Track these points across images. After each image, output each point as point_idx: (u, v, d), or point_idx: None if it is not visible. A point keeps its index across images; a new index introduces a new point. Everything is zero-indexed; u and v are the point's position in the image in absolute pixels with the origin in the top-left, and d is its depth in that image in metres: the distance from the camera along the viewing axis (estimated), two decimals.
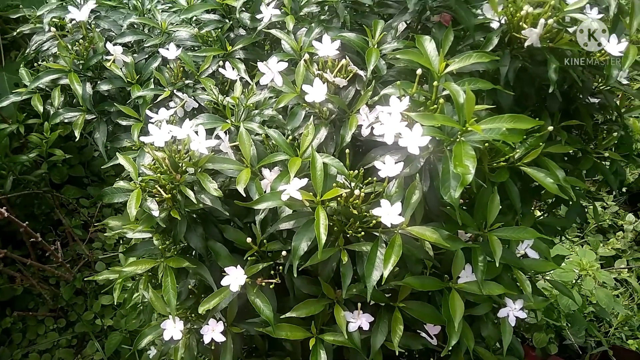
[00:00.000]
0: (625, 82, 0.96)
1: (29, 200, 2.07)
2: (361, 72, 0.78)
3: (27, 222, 1.60)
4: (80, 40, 0.90)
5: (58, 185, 2.23)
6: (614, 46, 0.82)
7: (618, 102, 1.02)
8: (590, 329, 1.89)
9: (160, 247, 0.78)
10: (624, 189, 2.50)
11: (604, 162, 1.04)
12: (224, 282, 0.72)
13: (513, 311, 0.84)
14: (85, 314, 1.94)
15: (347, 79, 0.77)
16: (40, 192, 1.85)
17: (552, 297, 1.96)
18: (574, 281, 1.95)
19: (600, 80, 0.92)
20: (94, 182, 2.40)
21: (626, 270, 2.31)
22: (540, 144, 0.81)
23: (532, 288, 0.83)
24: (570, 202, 1.09)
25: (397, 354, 0.73)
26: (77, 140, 2.36)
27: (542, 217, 1.10)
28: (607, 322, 2.06)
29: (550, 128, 0.83)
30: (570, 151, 1.06)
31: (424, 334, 0.83)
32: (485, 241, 0.77)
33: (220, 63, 0.90)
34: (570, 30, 0.84)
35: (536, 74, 0.84)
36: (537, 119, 0.89)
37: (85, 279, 1.98)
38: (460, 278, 0.78)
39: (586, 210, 1.15)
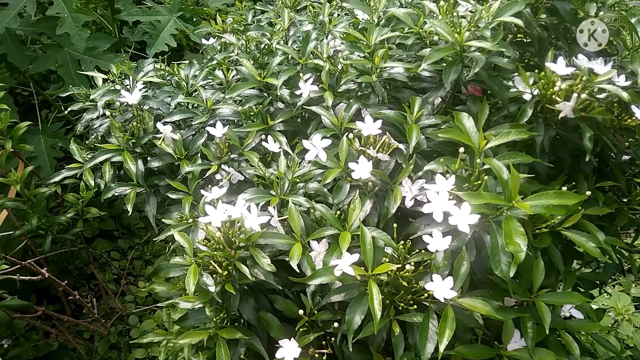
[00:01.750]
0: None
1: (64, 257, 2.13)
2: (401, 145, 0.81)
3: (66, 282, 1.64)
4: (132, 121, 0.95)
5: (89, 239, 2.29)
6: None
7: None
8: None
9: (213, 318, 0.80)
10: None
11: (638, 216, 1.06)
12: (278, 355, 0.74)
13: None
14: None
15: (388, 153, 0.80)
16: (76, 249, 1.90)
17: (589, 343, 1.93)
18: (610, 326, 1.93)
19: (630, 141, 0.95)
20: (124, 235, 2.46)
21: None
22: (580, 208, 0.83)
23: (579, 349, 0.84)
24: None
25: None
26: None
27: (580, 272, 1.11)
28: None
29: (588, 193, 0.85)
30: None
31: None
32: (531, 306, 0.79)
33: (262, 136, 0.95)
34: (600, 96, 0.87)
35: (569, 140, 0.87)
36: (573, 182, 0.93)
37: (119, 334, 2.01)
38: (510, 344, 0.79)
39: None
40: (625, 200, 1.04)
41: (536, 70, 0.81)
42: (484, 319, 0.83)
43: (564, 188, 0.83)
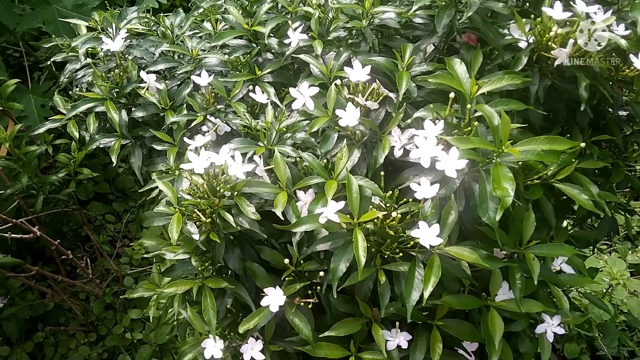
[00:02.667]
0: None
1: (57, 218, 2.12)
2: (391, 94, 0.79)
3: (58, 241, 1.64)
4: (115, 69, 0.92)
5: (84, 202, 2.28)
6: None
7: None
8: (622, 338, 1.87)
9: (198, 268, 0.79)
10: None
11: (634, 174, 1.04)
12: (263, 303, 0.73)
13: (551, 327, 0.84)
14: (115, 328, 1.97)
15: (378, 101, 0.78)
16: (69, 209, 1.89)
17: (583, 307, 1.94)
18: (604, 291, 1.93)
19: (629, 94, 0.92)
20: (119, 198, 2.45)
21: None
22: (573, 160, 0.81)
23: (569, 304, 0.83)
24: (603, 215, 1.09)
25: None
26: (101, 157, 2.38)
27: (573, 230, 1.10)
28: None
29: (583, 144, 0.83)
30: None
31: (462, 352, 0.83)
32: (521, 258, 0.78)
33: (250, 87, 0.92)
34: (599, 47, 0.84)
35: (565, 90, 0.84)
36: (568, 134, 0.91)
37: (114, 294, 2.02)
38: (498, 296, 0.78)
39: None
40: (622, 157, 1.02)
41: (532, 16, 0.78)
42: (473, 271, 0.82)
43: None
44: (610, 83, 0.89)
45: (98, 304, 1.96)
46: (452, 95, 0.69)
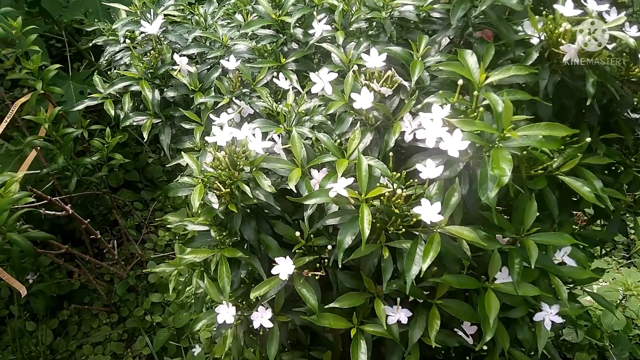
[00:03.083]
0: None
1: (89, 201, 2.22)
2: (405, 83, 0.83)
3: (88, 220, 1.73)
4: (150, 51, 0.99)
5: (114, 189, 2.38)
6: None
7: None
8: (634, 350, 1.85)
9: (217, 237, 0.85)
10: None
11: None
12: (274, 271, 0.78)
13: (549, 315, 0.87)
14: (136, 310, 2.04)
15: (392, 88, 0.83)
16: (100, 193, 1.98)
17: (596, 317, 1.93)
18: (618, 301, 1.92)
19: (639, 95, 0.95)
20: (148, 187, 2.54)
21: None
22: (578, 154, 0.85)
23: (569, 295, 0.86)
24: (612, 216, 1.11)
25: (433, 346, 0.78)
26: (133, 147, 2.47)
27: (581, 229, 1.12)
28: None
29: (588, 139, 0.86)
30: (613, 166, 1.08)
31: (460, 333, 0.87)
32: (522, 246, 0.81)
33: (275, 74, 0.98)
34: (610, 47, 0.87)
35: (575, 87, 0.87)
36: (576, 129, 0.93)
37: (137, 277, 2.10)
38: (497, 280, 0.81)
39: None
40: (632, 158, 1.04)
41: (544, 13, 0.81)
42: (474, 256, 0.85)
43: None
44: (621, 84, 0.92)
45: (121, 286, 2.04)
46: (460, 82, 0.74)
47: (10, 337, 1.97)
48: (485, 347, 0.92)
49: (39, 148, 1.76)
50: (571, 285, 1.06)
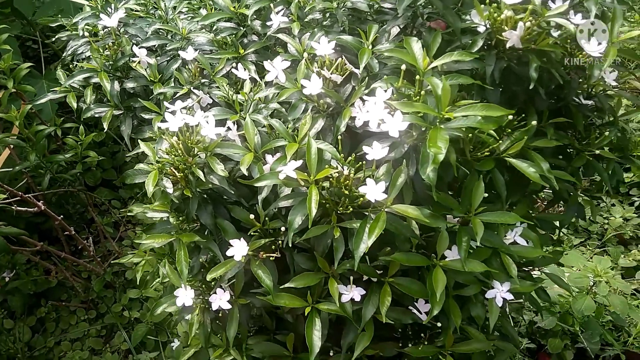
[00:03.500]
0: (614, 83, 1.01)
1: (64, 199, 2.22)
2: (356, 71, 0.86)
3: (62, 216, 1.73)
4: (110, 44, 1.01)
5: (92, 188, 2.39)
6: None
7: (614, 106, 1.08)
8: (605, 336, 1.90)
9: (175, 223, 0.87)
10: None
11: (601, 164, 1.09)
12: (229, 253, 0.81)
13: (500, 292, 0.90)
14: (114, 306, 2.06)
15: (344, 76, 0.85)
16: (75, 190, 1.99)
17: (568, 304, 1.98)
18: (588, 287, 1.96)
19: (585, 80, 0.98)
20: (125, 186, 2.55)
21: None
22: (525, 137, 0.88)
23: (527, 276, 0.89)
24: (569, 200, 1.14)
25: (384, 322, 0.80)
26: (110, 146, 2.48)
27: (538, 213, 1.15)
28: (627, 331, 2.05)
29: (534, 123, 0.89)
30: (567, 151, 1.12)
31: (414, 311, 0.90)
32: (471, 225, 0.84)
33: (234, 65, 1.00)
34: (555, 34, 0.91)
35: (522, 73, 0.90)
36: (524, 115, 0.97)
37: (114, 273, 2.11)
38: (447, 258, 0.84)
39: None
40: (584, 142, 1.08)
41: (487, 1, 0.84)
42: (426, 236, 0.89)
43: (510, 117, 0.88)
44: (568, 71, 0.95)
45: (99, 282, 2.05)
46: (403, 67, 0.76)
47: None
48: (439, 324, 0.95)
49: (11, 146, 1.76)
50: (531, 268, 1.10)
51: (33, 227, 2.19)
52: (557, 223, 1.15)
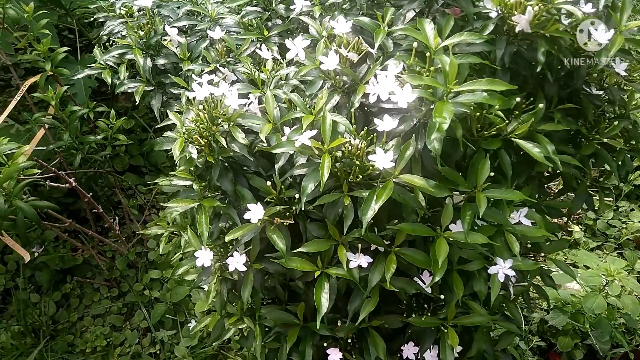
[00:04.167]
0: (624, 73, 1.04)
1: (93, 181, 2.32)
2: (372, 51, 0.91)
3: (91, 194, 1.82)
4: (144, 23, 1.08)
5: (120, 173, 2.48)
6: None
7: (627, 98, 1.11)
8: (614, 334, 1.90)
9: (198, 189, 0.93)
10: None
11: (611, 155, 1.12)
12: (246, 217, 0.86)
13: (502, 269, 0.94)
14: (135, 285, 2.14)
15: (360, 55, 0.90)
16: (104, 172, 2.08)
17: (580, 303, 1.98)
18: (600, 286, 1.97)
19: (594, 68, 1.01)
20: (152, 172, 2.64)
21: None
22: (532, 119, 0.92)
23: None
24: (577, 189, 1.17)
25: (388, 287, 0.85)
26: (139, 133, 2.56)
27: (546, 200, 1.18)
28: (639, 334, 2.05)
29: (541, 105, 0.93)
30: (577, 139, 1.15)
31: (419, 282, 0.94)
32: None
33: (258, 46, 1.06)
34: (566, 22, 0.94)
35: (532, 58, 0.94)
36: (533, 99, 1.00)
37: (137, 254, 2.19)
38: (452, 231, 0.89)
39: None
40: (593, 131, 1.11)
41: None
42: (434, 211, 0.93)
43: (517, 99, 0.92)
44: (577, 58, 0.99)
45: (122, 261, 2.13)
46: (415, 44, 0.81)
47: (15, 307, 2.07)
48: (442, 297, 0.99)
49: (46, 126, 1.86)
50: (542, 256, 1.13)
51: (63, 207, 2.29)
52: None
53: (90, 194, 1.82)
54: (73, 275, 2.20)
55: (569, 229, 2.49)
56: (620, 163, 1.14)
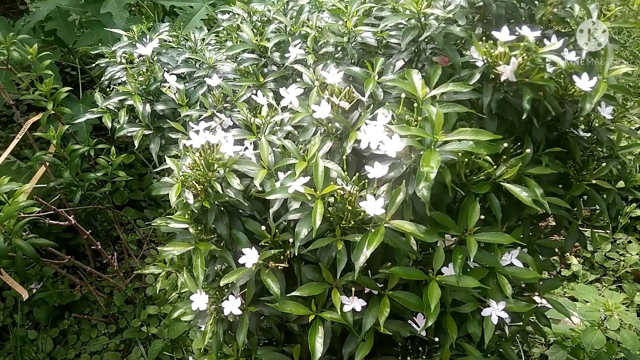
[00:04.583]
0: (609, 117, 1.07)
1: (92, 216, 2.34)
2: (363, 98, 0.94)
3: (90, 231, 1.84)
4: (144, 70, 1.12)
5: (119, 207, 2.51)
6: (585, 83, 0.95)
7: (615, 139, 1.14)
8: None
9: (194, 233, 0.95)
10: None
11: (601, 194, 1.14)
12: (241, 261, 0.88)
13: (496, 311, 0.95)
14: (133, 321, 2.13)
15: (351, 103, 0.94)
16: (104, 207, 2.10)
17: (579, 338, 1.98)
18: (600, 321, 1.97)
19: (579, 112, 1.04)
20: (151, 206, 2.66)
21: None
22: (520, 164, 0.94)
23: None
24: (568, 228, 1.19)
25: (382, 330, 0.86)
26: (139, 168, 2.60)
27: (539, 239, 1.20)
28: None
29: (529, 151, 0.96)
30: (567, 180, 1.17)
31: (413, 325, 0.95)
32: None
33: (254, 92, 1.10)
34: (550, 70, 0.98)
35: (518, 105, 0.97)
36: (520, 143, 1.03)
37: (135, 289, 2.19)
38: (444, 274, 0.90)
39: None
40: (583, 172, 1.13)
41: (483, 38, 0.93)
42: (425, 254, 0.95)
43: (505, 145, 0.95)
44: (563, 104, 1.02)
45: (120, 297, 2.14)
46: (403, 95, 0.84)
47: (12, 344, 2.06)
48: (437, 340, 1.00)
49: (47, 164, 1.89)
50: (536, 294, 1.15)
51: (61, 243, 2.30)
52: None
53: (90, 230, 1.84)
54: (71, 311, 2.20)
55: (568, 262, 2.50)
56: (610, 202, 1.16)
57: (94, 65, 1.28)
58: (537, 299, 1.17)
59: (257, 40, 1.13)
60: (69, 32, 2.08)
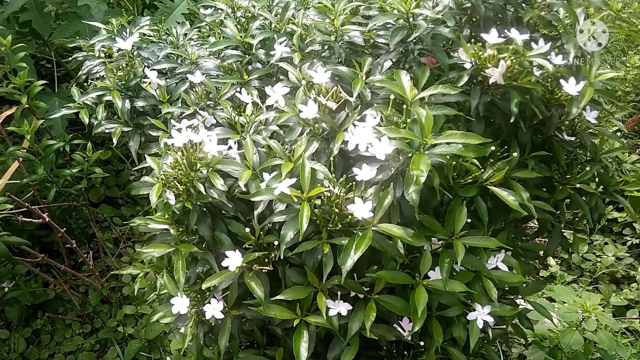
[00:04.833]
0: (594, 121, 1.07)
1: (67, 214, 2.28)
2: (351, 99, 0.93)
3: (64, 229, 1.79)
4: (124, 65, 1.09)
5: (95, 204, 2.44)
6: (572, 87, 0.95)
7: (597, 143, 1.14)
8: None
9: (175, 234, 0.92)
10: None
11: (584, 198, 1.14)
12: (224, 264, 0.86)
13: (481, 315, 0.94)
14: (109, 321, 2.08)
15: (339, 103, 0.92)
16: (79, 205, 2.04)
17: (557, 339, 2.00)
18: (577, 322, 1.99)
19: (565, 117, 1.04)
20: (128, 203, 2.61)
21: (638, 320, 2.31)
22: (507, 167, 0.94)
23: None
24: (551, 231, 1.19)
25: (368, 335, 0.85)
26: (116, 164, 2.55)
27: (522, 242, 1.20)
28: None
29: (515, 154, 0.95)
30: (552, 184, 1.17)
31: (399, 329, 0.94)
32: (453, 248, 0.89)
33: (238, 89, 1.07)
34: (537, 73, 0.98)
35: (505, 108, 0.97)
36: (507, 147, 1.03)
37: (111, 289, 2.14)
38: (431, 278, 0.89)
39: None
40: (567, 176, 1.13)
41: (472, 40, 0.92)
42: (412, 257, 0.94)
43: (492, 148, 0.94)
44: (549, 107, 1.02)
45: (95, 296, 2.08)
46: (392, 97, 0.83)
47: None
48: (422, 343, 0.99)
49: (21, 159, 1.83)
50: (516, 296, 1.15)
51: (35, 240, 2.23)
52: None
53: (64, 228, 1.79)
54: (44, 310, 2.13)
55: (546, 263, 2.52)
56: (593, 206, 1.16)
57: (70, 58, 1.23)
58: (519, 301, 1.17)
59: (241, 36, 1.10)
60: (45, 24, 2.02)
